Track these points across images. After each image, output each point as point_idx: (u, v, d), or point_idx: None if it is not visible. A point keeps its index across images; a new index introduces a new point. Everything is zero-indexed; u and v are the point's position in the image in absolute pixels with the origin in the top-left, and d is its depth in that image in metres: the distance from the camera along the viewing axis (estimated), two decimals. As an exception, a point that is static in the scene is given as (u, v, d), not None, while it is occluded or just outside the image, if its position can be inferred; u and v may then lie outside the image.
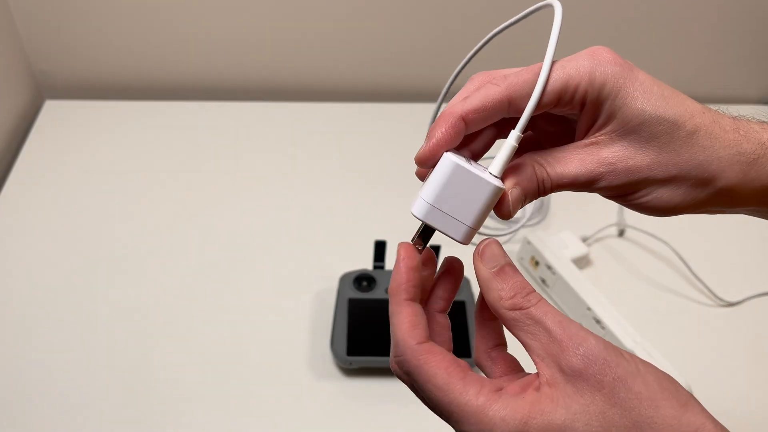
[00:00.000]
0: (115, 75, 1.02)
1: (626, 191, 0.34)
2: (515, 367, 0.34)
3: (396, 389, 0.67)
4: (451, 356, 0.31)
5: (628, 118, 0.32)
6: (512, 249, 0.81)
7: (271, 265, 0.78)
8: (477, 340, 0.35)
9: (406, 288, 0.33)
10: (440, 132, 0.32)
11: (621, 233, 0.85)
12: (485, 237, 0.34)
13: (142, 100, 1.00)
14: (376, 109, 1.03)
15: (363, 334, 0.67)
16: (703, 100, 0.38)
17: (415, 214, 0.33)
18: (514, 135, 0.33)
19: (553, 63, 0.33)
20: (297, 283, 0.76)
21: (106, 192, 0.85)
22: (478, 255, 0.32)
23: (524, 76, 0.33)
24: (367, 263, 0.74)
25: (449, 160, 0.32)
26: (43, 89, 1.03)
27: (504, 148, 0.33)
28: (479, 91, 0.33)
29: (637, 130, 0.32)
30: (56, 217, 0.82)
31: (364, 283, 0.71)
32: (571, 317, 0.78)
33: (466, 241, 0.33)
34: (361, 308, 0.69)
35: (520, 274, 0.32)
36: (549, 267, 0.74)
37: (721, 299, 0.76)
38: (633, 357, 0.29)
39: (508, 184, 0.33)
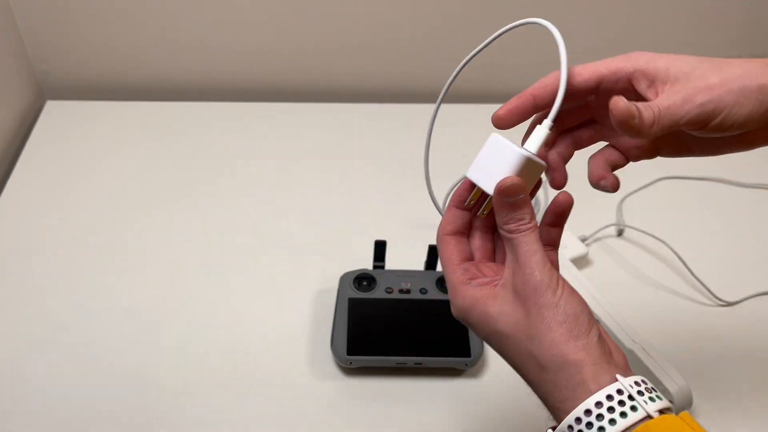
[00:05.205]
0: (116, 76, 1.02)
1: (712, 112, 0.40)
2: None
3: (396, 388, 0.67)
4: (460, 249, 0.45)
5: (679, 68, 0.41)
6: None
7: (271, 264, 0.78)
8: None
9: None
10: (513, 101, 0.44)
11: (620, 233, 0.85)
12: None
13: (143, 100, 1.01)
14: (376, 109, 1.03)
15: (363, 333, 0.67)
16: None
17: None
18: (547, 122, 0.43)
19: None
20: (297, 282, 0.76)
21: (108, 192, 0.86)
22: (498, 187, 0.41)
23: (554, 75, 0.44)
24: (367, 263, 0.74)
25: (493, 135, 0.43)
26: (45, 90, 1.03)
27: (537, 130, 0.44)
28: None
29: (693, 71, 0.41)
30: (58, 217, 0.82)
31: (364, 283, 0.71)
32: (570, 317, 0.77)
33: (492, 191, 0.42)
34: (361, 308, 0.69)
35: (527, 207, 0.42)
36: (548, 267, 0.75)
37: (719, 299, 0.77)
38: (561, 297, 0.39)
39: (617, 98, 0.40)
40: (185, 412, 0.64)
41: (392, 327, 0.68)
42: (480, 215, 0.45)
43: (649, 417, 0.36)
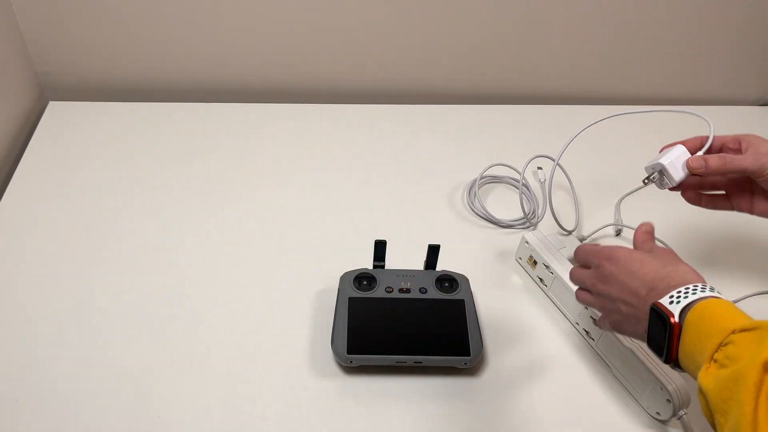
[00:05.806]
0: (118, 76, 1.03)
1: (765, 169, 0.65)
2: None
3: (396, 387, 0.67)
4: None
5: (757, 144, 0.66)
6: (511, 248, 0.82)
7: (272, 264, 0.78)
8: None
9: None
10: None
11: (618, 233, 0.85)
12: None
13: (144, 101, 1.01)
14: (376, 110, 1.04)
15: (363, 332, 0.68)
16: (701, 102, 0.41)
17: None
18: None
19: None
20: (298, 282, 0.76)
21: (109, 193, 0.86)
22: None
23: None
24: (367, 263, 0.75)
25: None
26: (47, 90, 1.04)
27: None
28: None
29: (760, 146, 0.66)
30: (59, 217, 0.82)
31: (365, 282, 0.72)
32: (569, 316, 0.78)
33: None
34: (361, 307, 0.70)
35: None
36: (547, 266, 0.75)
37: (718, 298, 0.77)
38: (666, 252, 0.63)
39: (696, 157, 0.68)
40: (186, 410, 0.64)
41: (392, 326, 0.68)
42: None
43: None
